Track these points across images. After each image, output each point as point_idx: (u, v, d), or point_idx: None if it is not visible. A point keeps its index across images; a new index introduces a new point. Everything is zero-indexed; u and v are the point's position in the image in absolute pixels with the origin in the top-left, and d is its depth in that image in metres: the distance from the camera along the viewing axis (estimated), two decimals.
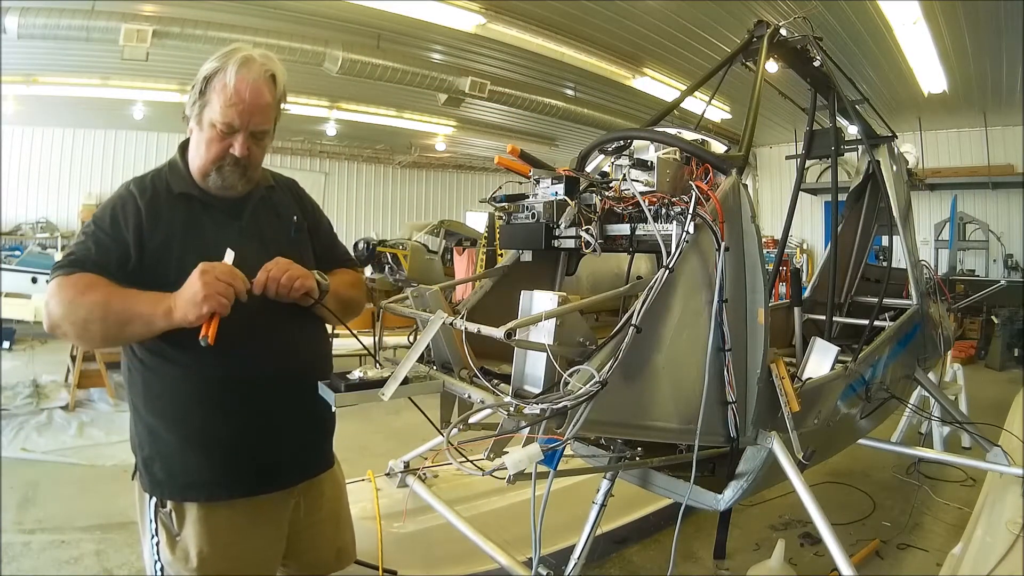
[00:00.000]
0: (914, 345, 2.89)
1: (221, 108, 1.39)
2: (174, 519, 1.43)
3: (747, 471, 1.84)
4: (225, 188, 1.48)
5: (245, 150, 1.43)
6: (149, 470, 1.44)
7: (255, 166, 1.51)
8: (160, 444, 1.44)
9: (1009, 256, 10.09)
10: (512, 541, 2.08)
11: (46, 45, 6.80)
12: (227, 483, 1.45)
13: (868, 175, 3.34)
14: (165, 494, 1.43)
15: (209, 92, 1.40)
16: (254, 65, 1.42)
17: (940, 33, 6.62)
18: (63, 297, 1.30)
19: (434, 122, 11.41)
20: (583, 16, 6.83)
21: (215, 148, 1.43)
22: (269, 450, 1.49)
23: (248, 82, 1.40)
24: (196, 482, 1.43)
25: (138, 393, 1.46)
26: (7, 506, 3.34)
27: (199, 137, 1.45)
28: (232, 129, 1.41)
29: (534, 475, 1.30)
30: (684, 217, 1.49)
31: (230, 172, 1.46)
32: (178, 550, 1.43)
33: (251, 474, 1.48)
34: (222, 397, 1.43)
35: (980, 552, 2.30)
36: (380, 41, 7.47)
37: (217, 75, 1.39)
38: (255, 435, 1.47)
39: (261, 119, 1.45)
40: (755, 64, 2.19)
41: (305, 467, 1.60)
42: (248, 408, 1.45)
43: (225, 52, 1.43)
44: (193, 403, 1.42)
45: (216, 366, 1.39)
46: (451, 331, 1.45)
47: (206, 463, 1.43)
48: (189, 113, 1.46)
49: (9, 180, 10.98)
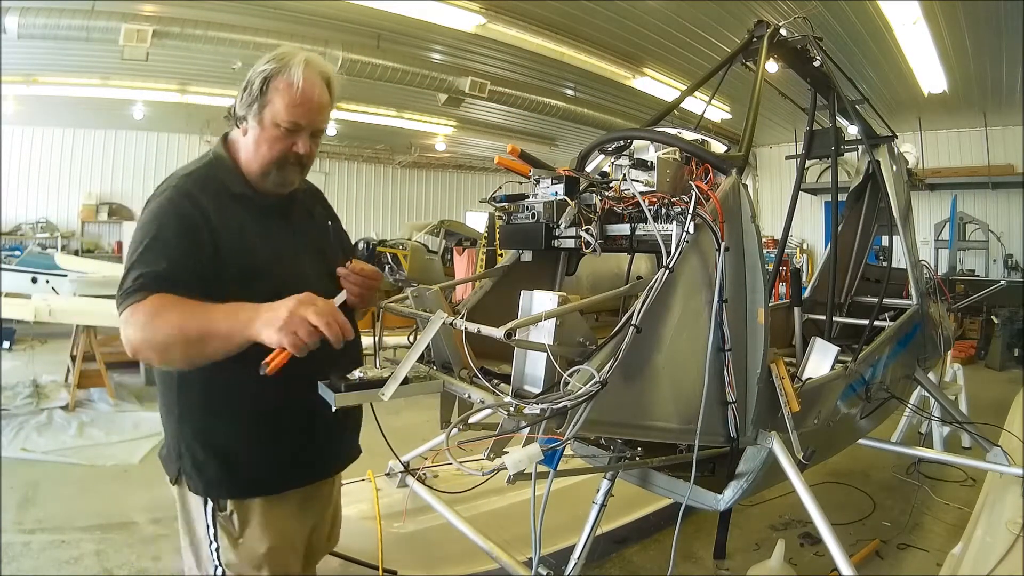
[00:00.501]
0: (914, 345, 2.89)
1: (286, 107, 1.41)
2: (235, 521, 1.45)
3: (747, 471, 1.84)
4: (284, 186, 1.51)
5: (308, 148, 1.48)
6: (202, 472, 1.44)
7: (311, 164, 1.55)
8: (218, 443, 1.44)
9: (1009, 256, 10.08)
10: (512, 541, 2.08)
11: (46, 45, 6.79)
12: (288, 475, 1.50)
13: (868, 175, 3.34)
14: (224, 493, 1.44)
15: (271, 92, 1.41)
16: (315, 66, 1.46)
17: (940, 33, 6.62)
18: (138, 324, 1.26)
19: (434, 122, 11.40)
20: (583, 16, 6.83)
21: (279, 147, 1.45)
22: (322, 440, 1.55)
23: (313, 82, 1.43)
24: (260, 477, 1.46)
25: (195, 395, 1.44)
26: (7, 506, 3.34)
27: (259, 136, 1.45)
28: (297, 127, 1.44)
29: (534, 475, 1.30)
30: (684, 217, 1.49)
31: (291, 170, 1.49)
32: (242, 550, 1.44)
33: (308, 464, 1.54)
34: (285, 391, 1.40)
35: (980, 552, 2.30)
36: (380, 41, 7.47)
37: (279, 75, 1.41)
38: (312, 426, 1.51)
39: (323, 118, 1.50)
40: (755, 64, 2.19)
41: (347, 454, 1.69)
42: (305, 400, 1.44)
43: (280, 54, 1.44)
44: (259, 399, 1.42)
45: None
46: (451, 331, 1.45)
47: (269, 457, 1.47)
48: (244, 113, 1.46)
49: (9, 180, 10.99)
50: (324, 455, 1.59)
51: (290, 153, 1.46)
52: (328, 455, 1.61)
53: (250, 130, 1.47)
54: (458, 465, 1.25)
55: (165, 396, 1.49)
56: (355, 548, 2.29)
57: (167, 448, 1.51)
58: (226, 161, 1.51)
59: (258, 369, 1.19)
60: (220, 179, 1.47)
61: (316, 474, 1.59)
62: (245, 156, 1.49)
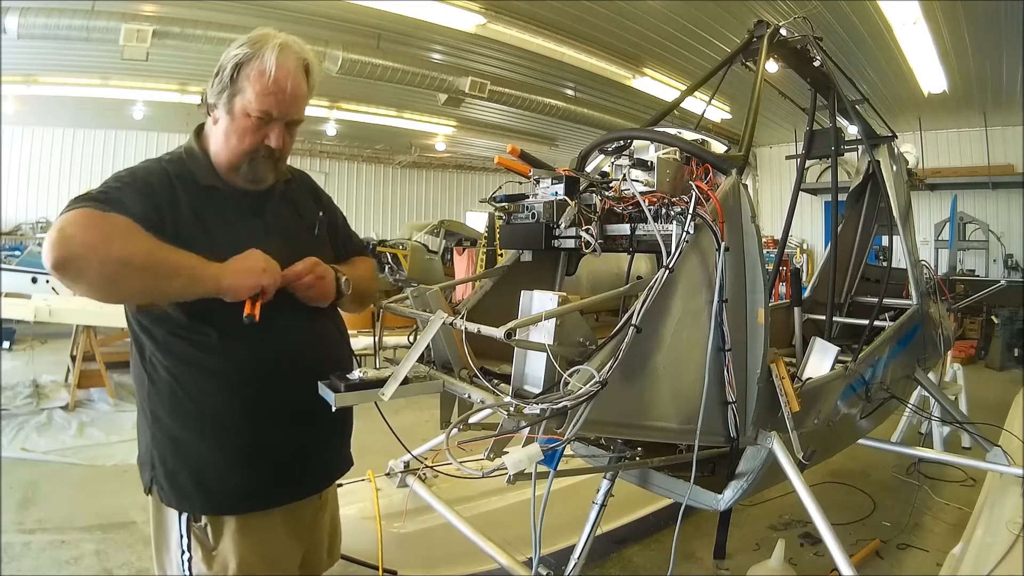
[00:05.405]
0: (914, 345, 2.89)
1: (258, 96, 1.31)
2: (210, 533, 1.35)
3: (747, 471, 1.84)
4: (255, 181, 1.40)
5: (281, 141, 1.38)
6: (174, 483, 1.34)
7: (286, 158, 1.45)
8: (189, 455, 1.34)
9: (1009, 256, 10.09)
10: (512, 541, 2.07)
11: (46, 45, 6.81)
12: (267, 493, 1.39)
13: (868, 175, 3.34)
14: (196, 508, 1.34)
15: (241, 79, 1.31)
16: (291, 52, 1.34)
17: (940, 33, 6.63)
18: (96, 231, 1.12)
19: (434, 122, 11.42)
20: (583, 16, 6.83)
21: (249, 139, 1.35)
22: (305, 455, 1.45)
23: (287, 70, 1.33)
24: (233, 493, 1.35)
25: (162, 403, 1.34)
26: (7, 506, 3.33)
27: (229, 127, 1.35)
28: (269, 118, 1.34)
29: (534, 475, 1.30)
30: (684, 217, 1.49)
31: (263, 164, 1.39)
32: (216, 564, 1.35)
33: (289, 481, 1.43)
34: (258, 404, 1.36)
35: (980, 552, 2.30)
36: (380, 41, 7.47)
37: (252, 61, 1.31)
38: (291, 441, 1.42)
39: (298, 108, 1.38)
40: (755, 64, 2.19)
41: (336, 470, 1.59)
42: (284, 414, 1.39)
43: (255, 37, 1.34)
44: (229, 412, 1.35)
45: (251, 372, 1.34)
46: (451, 331, 1.45)
47: (244, 473, 1.36)
48: (214, 101, 1.35)
49: (9, 180, 10.99)
50: (308, 470, 1.47)
51: (261, 146, 1.36)
52: (313, 470, 1.49)
53: (220, 120, 1.36)
54: (458, 465, 1.25)
55: (140, 397, 1.38)
56: (355, 548, 2.29)
57: (140, 454, 1.41)
58: (196, 152, 1.41)
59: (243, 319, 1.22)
60: (187, 170, 1.37)
61: (301, 491, 1.47)
62: (215, 147, 1.39)
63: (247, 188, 1.41)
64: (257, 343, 1.33)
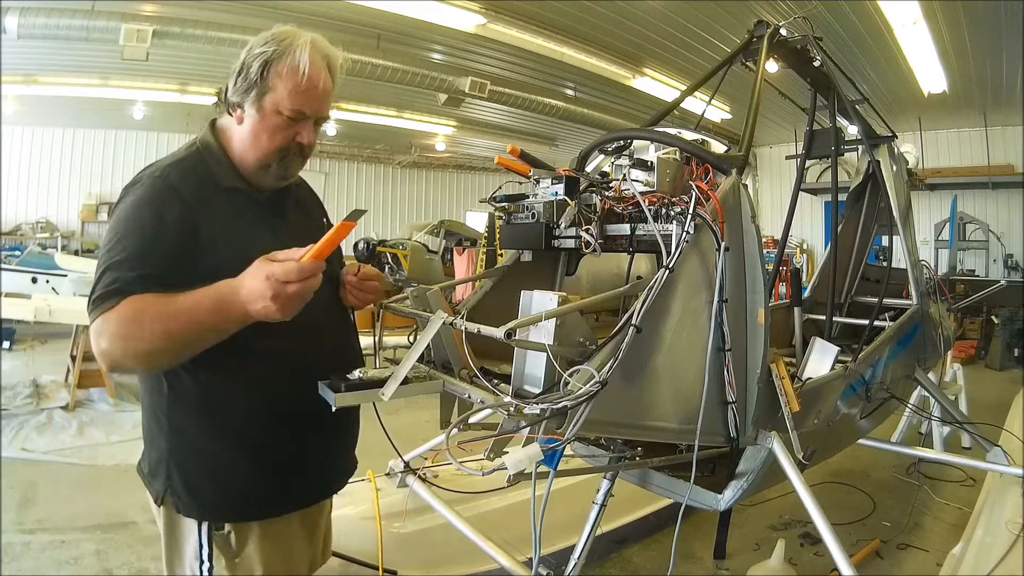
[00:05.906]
0: (914, 345, 2.89)
1: (290, 94, 1.29)
2: (234, 540, 1.35)
3: (747, 471, 1.84)
4: (284, 178, 1.40)
5: (311, 138, 1.37)
6: (195, 493, 1.32)
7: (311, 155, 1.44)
8: (213, 464, 1.33)
9: (1009, 256, 10.09)
10: (512, 541, 2.08)
11: (46, 45, 6.80)
12: (289, 498, 1.42)
13: (868, 175, 3.34)
14: (220, 516, 1.34)
15: (272, 77, 1.29)
16: (319, 49, 1.34)
17: (940, 33, 6.63)
18: (115, 333, 1.14)
19: (434, 122, 11.41)
20: (583, 16, 6.83)
21: (281, 136, 1.33)
22: (323, 459, 1.48)
23: (319, 67, 1.32)
24: (258, 500, 1.37)
25: (186, 412, 1.32)
26: (7, 506, 3.34)
27: (259, 125, 1.33)
28: (302, 116, 1.33)
29: (534, 475, 1.30)
30: (684, 217, 1.49)
31: (294, 161, 1.38)
32: (241, 571, 1.35)
33: (309, 486, 1.47)
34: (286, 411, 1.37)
35: (980, 552, 2.30)
36: (380, 41, 7.47)
37: (283, 59, 1.29)
38: (313, 446, 1.44)
39: (327, 106, 1.38)
40: (755, 64, 2.19)
41: (346, 472, 1.61)
42: (307, 419, 1.40)
43: (280, 35, 1.32)
44: (257, 419, 1.35)
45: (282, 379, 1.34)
46: (451, 331, 1.45)
47: (269, 479, 1.37)
48: (238, 100, 1.33)
49: (9, 180, 10.99)
50: (326, 473, 1.52)
51: (293, 143, 1.35)
52: (330, 473, 1.54)
53: (247, 118, 1.33)
54: (458, 465, 1.25)
55: (152, 404, 1.35)
56: (355, 548, 2.29)
57: (149, 463, 1.38)
58: (215, 151, 1.37)
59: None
60: (208, 170, 1.33)
61: (319, 494, 1.52)
62: (240, 146, 1.36)
63: (271, 186, 1.40)
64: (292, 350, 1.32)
